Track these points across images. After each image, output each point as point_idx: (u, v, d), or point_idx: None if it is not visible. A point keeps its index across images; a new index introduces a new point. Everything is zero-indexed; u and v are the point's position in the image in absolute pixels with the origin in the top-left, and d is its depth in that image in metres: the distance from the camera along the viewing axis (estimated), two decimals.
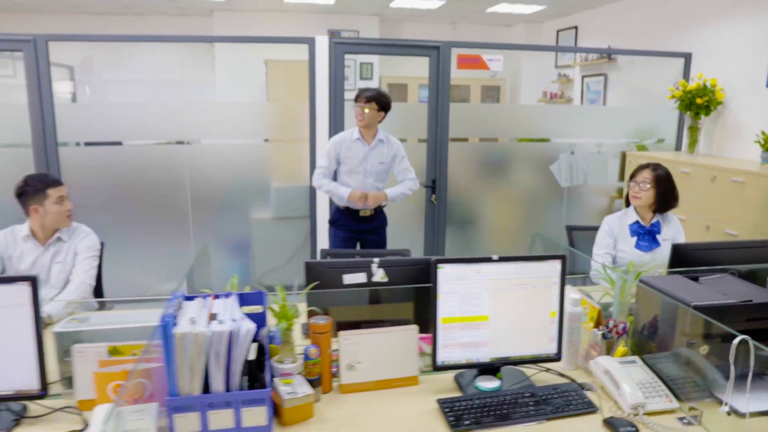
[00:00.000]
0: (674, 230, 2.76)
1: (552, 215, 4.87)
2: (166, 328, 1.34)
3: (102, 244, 2.78)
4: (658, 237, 2.72)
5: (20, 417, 1.52)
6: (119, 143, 4.28)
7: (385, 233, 3.72)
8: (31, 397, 1.51)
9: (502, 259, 1.64)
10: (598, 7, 6.35)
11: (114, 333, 1.68)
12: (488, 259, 1.62)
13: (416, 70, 7.29)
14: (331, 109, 4.24)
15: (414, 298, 1.85)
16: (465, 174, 4.71)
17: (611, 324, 1.80)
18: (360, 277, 1.77)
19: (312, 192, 4.40)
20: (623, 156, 4.93)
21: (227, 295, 1.57)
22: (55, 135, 4.03)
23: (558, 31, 7.25)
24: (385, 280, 1.79)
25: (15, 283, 1.46)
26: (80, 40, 4.13)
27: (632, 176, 2.75)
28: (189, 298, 1.57)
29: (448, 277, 1.61)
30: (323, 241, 4.45)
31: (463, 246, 4.82)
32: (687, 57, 4.87)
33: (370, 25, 7.22)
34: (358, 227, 3.51)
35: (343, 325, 1.71)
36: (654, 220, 2.74)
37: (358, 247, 3.60)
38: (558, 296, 1.70)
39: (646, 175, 2.70)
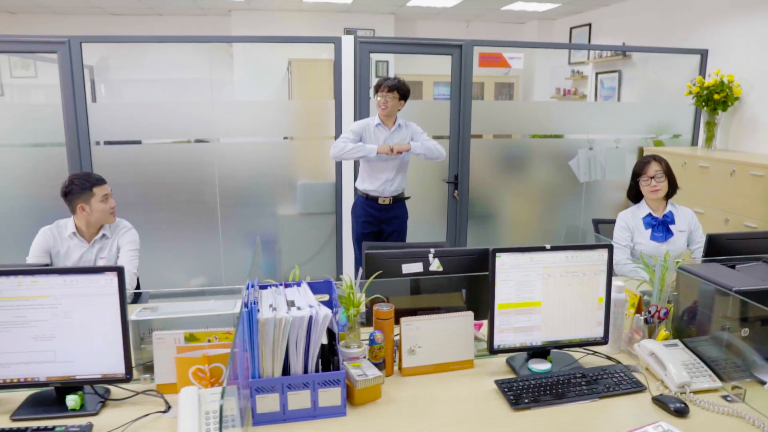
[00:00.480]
0: (688, 221, 2.85)
1: (571, 210, 4.96)
2: (251, 314, 1.44)
3: None
4: (672, 227, 2.81)
5: (105, 400, 1.63)
6: (138, 142, 4.38)
7: (406, 226, 3.84)
8: (117, 381, 1.61)
9: (554, 248, 1.73)
10: (612, 4, 6.43)
11: (184, 321, 1.78)
12: (542, 248, 1.72)
13: (431, 67, 7.39)
14: (356, 107, 4.33)
15: (466, 285, 1.95)
16: (483, 170, 4.80)
17: (653, 309, 1.89)
18: (417, 267, 1.87)
19: (338, 188, 4.49)
20: (640, 151, 5.01)
21: (298, 284, 1.67)
22: (89, 134, 4.13)
23: (571, 29, 7.32)
24: (441, 269, 1.89)
25: (103, 273, 1.57)
26: (112, 41, 4.25)
27: (641, 172, 2.82)
28: (262, 287, 1.67)
29: (504, 265, 1.70)
30: (348, 237, 4.55)
31: (484, 240, 4.91)
32: (703, 53, 4.95)
33: (386, 23, 7.31)
34: (378, 216, 3.64)
35: (399, 313, 1.80)
36: (666, 211, 2.83)
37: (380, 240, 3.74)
38: (605, 283, 1.80)
39: (657, 167, 2.79)
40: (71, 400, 1.56)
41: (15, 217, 4.28)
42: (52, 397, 1.62)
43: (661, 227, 2.80)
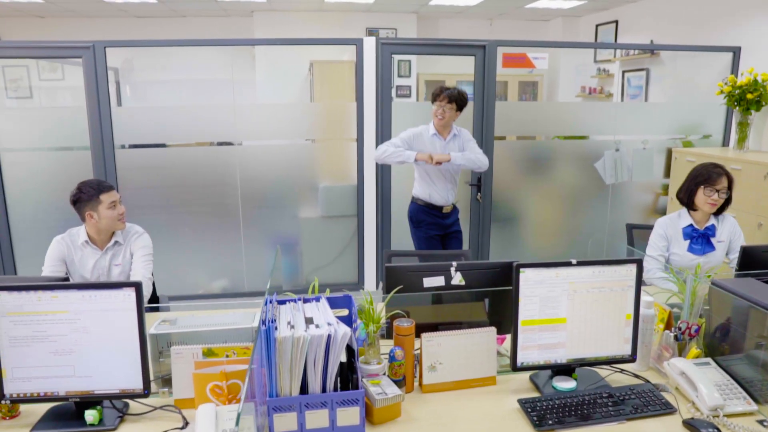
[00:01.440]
0: (730, 230, 2.72)
1: (596, 212, 4.86)
2: (268, 332, 1.42)
3: None
4: (713, 240, 2.68)
5: (124, 414, 1.62)
6: (163, 145, 4.40)
7: (462, 235, 3.86)
8: (135, 396, 1.61)
9: (580, 264, 1.68)
10: (639, 0, 6.27)
11: (203, 335, 1.77)
12: (567, 264, 1.66)
13: (453, 67, 7.32)
14: (378, 109, 4.30)
15: (489, 299, 1.90)
16: (506, 172, 4.73)
17: (684, 326, 1.82)
18: (439, 281, 1.83)
19: (360, 190, 4.47)
20: (669, 152, 4.88)
21: (317, 299, 1.65)
22: (113, 138, 4.17)
23: (597, 26, 7.17)
24: (463, 283, 1.85)
25: (121, 288, 1.56)
26: (134, 45, 4.27)
27: (709, 182, 2.61)
28: (281, 302, 1.64)
29: (528, 281, 1.65)
30: (370, 239, 4.53)
31: (508, 244, 4.84)
32: (736, 51, 4.79)
33: (408, 22, 7.25)
34: (443, 223, 3.65)
35: (420, 327, 1.77)
36: (709, 224, 2.70)
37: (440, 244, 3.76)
38: (633, 299, 1.73)
39: (725, 183, 2.60)
40: (90, 415, 1.56)
41: (42, 220, 4.35)
42: (71, 411, 1.62)
43: (701, 240, 2.67)
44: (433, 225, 3.65)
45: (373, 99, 4.28)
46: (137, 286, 1.56)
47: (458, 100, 3.44)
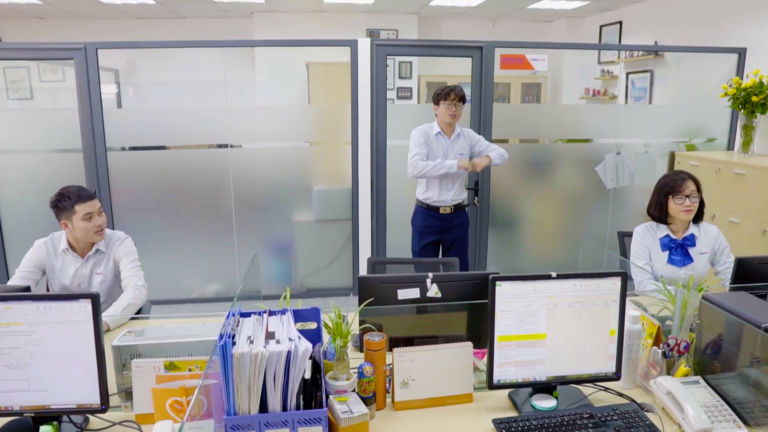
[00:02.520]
0: (713, 242, 2.61)
1: (597, 217, 4.76)
2: (224, 348, 1.35)
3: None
4: (692, 250, 2.57)
5: (82, 430, 1.56)
6: (163, 147, 4.36)
7: (468, 234, 3.77)
8: (93, 411, 1.54)
9: (560, 277, 1.59)
10: (643, 1, 6.16)
11: (169, 347, 1.70)
12: (547, 277, 1.58)
13: (455, 68, 7.21)
14: (373, 111, 4.23)
15: (467, 311, 1.82)
16: (507, 176, 4.64)
17: (672, 342, 1.73)
18: (414, 293, 1.75)
19: (354, 194, 4.40)
20: (672, 156, 4.78)
21: (282, 312, 1.58)
22: (104, 140, 4.13)
23: (601, 27, 7.07)
24: (439, 295, 1.77)
25: (77, 300, 1.49)
26: (127, 47, 4.22)
27: (676, 190, 2.54)
28: (245, 315, 1.57)
29: (504, 294, 1.57)
30: (365, 243, 4.46)
31: (506, 249, 4.75)
32: (741, 52, 4.68)
33: (409, 23, 7.18)
34: (440, 226, 3.59)
35: (395, 340, 1.69)
36: (688, 233, 2.59)
37: (440, 249, 3.70)
38: (618, 314, 1.65)
39: (693, 186, 2.54)
40: (45, 431, 1.50)
41: (34, 223, 4.32)
42: (28, 426, 1.56)
43: (679, 250, 2.57)
44: (429, 228, 3.58)
45: (367, 101, 4.21)
46: (94, 298, 1.49)
47: (464, 99, 3.49)
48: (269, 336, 1.44)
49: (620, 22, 6.65)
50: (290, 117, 4.43)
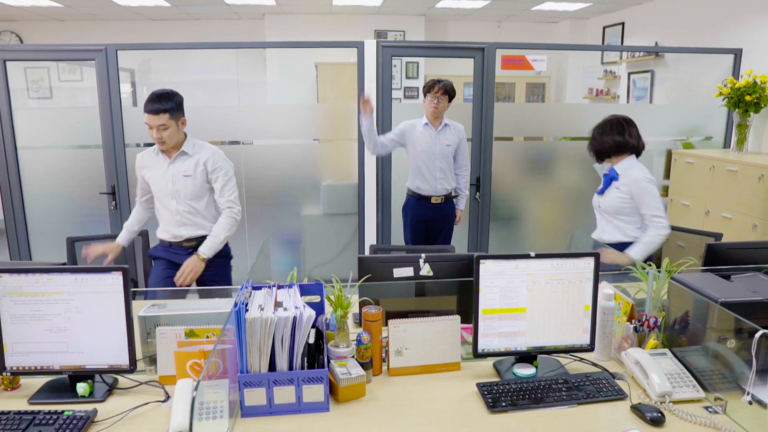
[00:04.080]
0: (630, 185, 2.81)
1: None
2: (239, 313, 1.55)
3: None
4: (614, 183, 2.87)
5: (112, 388, 1.76)
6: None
7: (453, 223, 3.99)
8: (122, 371, 1.75)
9: (538, 256, 1.77)
10: (645, 3, 6.31)
11: (188, 318, 1.90)
12: (526, 256, 1.76)
13: (461, 68, 7.37)
14: (379, 110, 4.41)
15: (457, 291, 2.00)
16: (509, 173, 4.81)
17: (643, 318, 1.91)
18: (408, 271, 1.94)
19: (360, 189, 4.58)
20: (669, 154, 4.92)
21: (290, 286, 1.77)
22: (123, 137, 4.35)
23: (604, 28, 7.22)
24: (431, 274, 1.95)
25: (110, 272, 1.70)
26: (145, 48, 4.44)
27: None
28: (256, 288, 1.77)
29: (488, 271, 1.76)
30: (371, 236, 4.64)
31: (506, 243, 4.92)
32: (737, 53, 4.81)
33: (416, 25, 7.36)
34: (430, 216, 3.81)
35: (391, 315, 1.88)
36: (611, 168, 2.92)
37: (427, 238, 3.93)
38: (591, 291, 1.83)
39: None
40: (81, 388, 1.70)
41: (58, 216, 4.54)
42: (65, 384, 1.76)
43: (604, 178, 2.94)
44: (420, 216, 3.81)
45: (373, 100, 4.39)
46: (124, 271, 1.69)
47: (450, 92, 3.73)
48: (278, 305, 1.63)
49: (622, 24, 6.79)
50: (299, 115, 4.62)
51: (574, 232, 3.03)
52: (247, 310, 1.59)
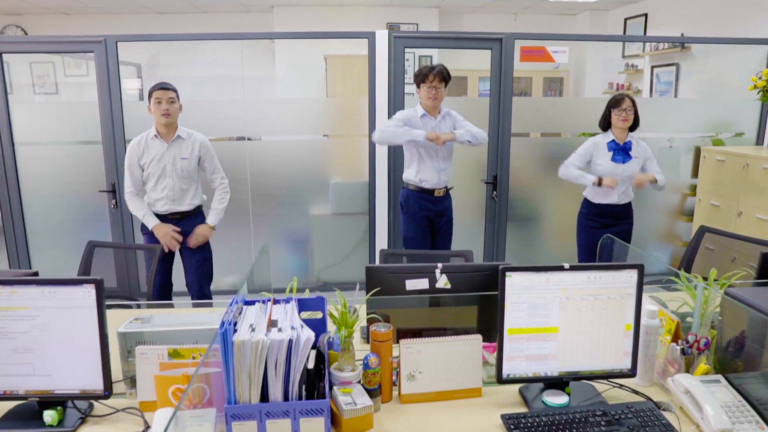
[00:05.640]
0: (643, 152, 3.57)
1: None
2: (225, 335, 1.33)
3: None
4: (631, 153, 3.52)
5: (86, 416, 1.55)
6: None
7: (452, 222, 3.76)
8: (96, 397, 1.54)
9: (573, 268, 1.54)
10: None
11: (174, 335, 1.69)
12: (559, 268, 1.53)
13: (476, 62, 7.12)
14: (391, 104, 4.19)
15: (478, 304, 1.77)
16: (526, 170, 4.56)
17: (692, 339, 1.66)
18: (422, 283, 1.71)
19: (371, 187, 4.36)
20: (697, 151, 4.64)
21: (287, 301, 1.55)
22: (124, 132, 4.15)
23: (626, 19, 6.91)
24: (448, 286, 1.72)
25: (81, 285, 1.49)
26: (146, 40, 4.25)
27: (615, 105, 3.45)
28: (249, 303, 1.55)
29: (515, 286, 1.52)
30: (382, 237, 4.42)
31: (525, 245, 4.68)
32: None
33: (430, 17, 7.11)
34: (434, 209, 3.56)
35: (403, 332, 1.66)
36: (627, 140, 3.52)
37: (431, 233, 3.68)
38: (634, 308, 1.59)
39: (629, 102, 3.44)
40: (48, 416, 1.50)
41: (56, 214, 4.38)
42: (33, 411, 1.55)
43: (621, 152, 3.50)
44: (424, 211, 3.56)
45: (385, 93, 4.17)
46: (97, 283, 1.48)
47: (446, 78, 3.42)
48: (272, 324, 1.41)
49: (645, 15, 6.49)
50: (308, 110, 4.40)
51: (601, 237, 2.77)
52: (235, 331, 1.37)
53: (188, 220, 3.34)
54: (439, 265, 1.72)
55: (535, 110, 4.53)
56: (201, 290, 3.48)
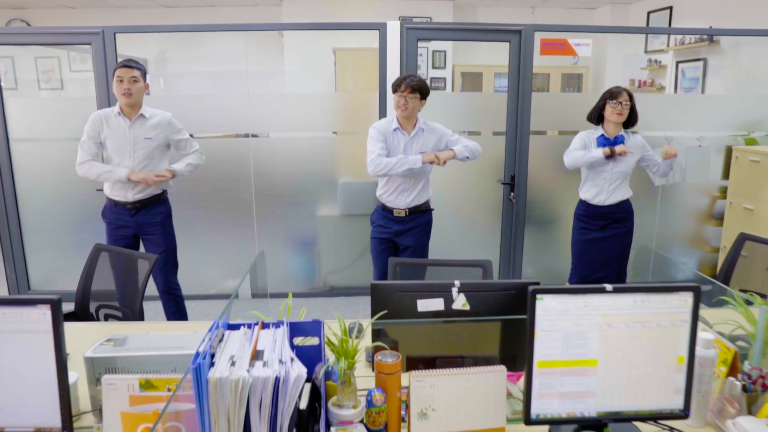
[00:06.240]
0: (639, 144, 3.34)
1: (644, 217, 4.36)
2: (198, 371, 1.10)
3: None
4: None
5: None
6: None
7: (426, 240, 3.28)
8: None
9: (617, 290, 1.29)
10: None
11: (151, 360, 1.47)
12: (600, 290, 1.28)
13: (492, 58, 6.88)
14: None
15: (501, 327, 1.53)
16: (544, 170, 4.30)
17: (755, 373, 1.41)
18: (437, 303, 1.47)
19: None
20: (728, 151, 4.35)
21: (277, 325, 1.32)
22: None
23: (649, 13, 6.60)
24: (467, 308, 1.48)
25: (35, 306, 1.26)
26: (146, 31, 4.06)
27: (612, 97, 3.23)
28: (233, 327, 1.32)
29: (548, 311, 1.28)
30: None
31: (543, 249, 4.42)
32: None
33: (444, 10, 6.85)
34: (394, 229, 3.19)
35: (413, 360, 1.43)
36: (618, 134, 3.29)
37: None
38: (688, 337, 1.34)
39: (627, 96, 3.22)
40: None
41: (52, 212, 4.23)
42: None
43: (611, 146, 3.25)
44: (382, 228, 3.20)
45: None
46: (53, 304, 1.26)
47: (421, 89, 3.00)
48: (256, 356, 1.18)
49: (670, 8, 6.18)
50: (315, 105, 4.18)
51: (638, 247, 2.51)
52: (212, 364, 1.14)
53: (149, 209, 3.19)
54: (457, 282, 1.48)
55: (553, 106, 4.27)
56: (167, 281, 3.33)
